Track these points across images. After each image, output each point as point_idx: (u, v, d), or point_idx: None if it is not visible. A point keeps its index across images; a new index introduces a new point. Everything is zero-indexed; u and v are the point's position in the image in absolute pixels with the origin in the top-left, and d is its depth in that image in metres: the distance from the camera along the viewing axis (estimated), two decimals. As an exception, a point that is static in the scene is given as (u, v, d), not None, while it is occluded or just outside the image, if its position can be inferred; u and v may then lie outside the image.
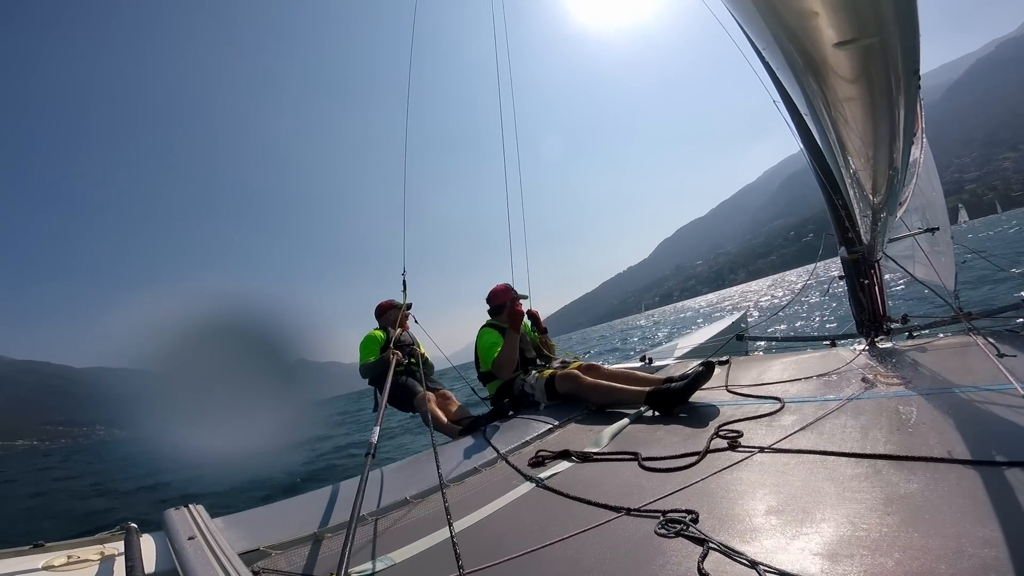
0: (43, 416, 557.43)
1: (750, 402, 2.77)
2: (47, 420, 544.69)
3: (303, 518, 1.97)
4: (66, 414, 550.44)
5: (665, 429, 2.57)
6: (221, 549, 1.49)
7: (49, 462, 29.73)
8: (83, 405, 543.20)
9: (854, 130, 1.71)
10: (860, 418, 2.13)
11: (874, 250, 3.85)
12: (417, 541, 1.68)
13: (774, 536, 1.30)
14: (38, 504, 10.77)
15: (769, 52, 1.46)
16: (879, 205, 2.77)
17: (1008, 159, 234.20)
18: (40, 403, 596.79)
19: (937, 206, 4.40)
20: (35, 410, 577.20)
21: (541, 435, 2.86)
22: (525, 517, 1.77)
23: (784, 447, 1.93)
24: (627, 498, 1.70)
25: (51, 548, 1.55)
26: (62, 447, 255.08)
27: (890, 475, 1.53)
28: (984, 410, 1.99)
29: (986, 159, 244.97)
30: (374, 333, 4.48)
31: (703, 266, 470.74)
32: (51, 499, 11.36)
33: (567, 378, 3.41)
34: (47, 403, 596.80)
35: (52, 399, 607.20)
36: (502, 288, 4.10)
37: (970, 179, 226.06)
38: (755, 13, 1.26)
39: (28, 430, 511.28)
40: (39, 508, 10.16)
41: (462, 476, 2.35)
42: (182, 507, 1.84)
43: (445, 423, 3.84)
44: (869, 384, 2.63)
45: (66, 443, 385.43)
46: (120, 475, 14.22)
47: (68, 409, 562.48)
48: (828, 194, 3.95)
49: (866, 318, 4.10)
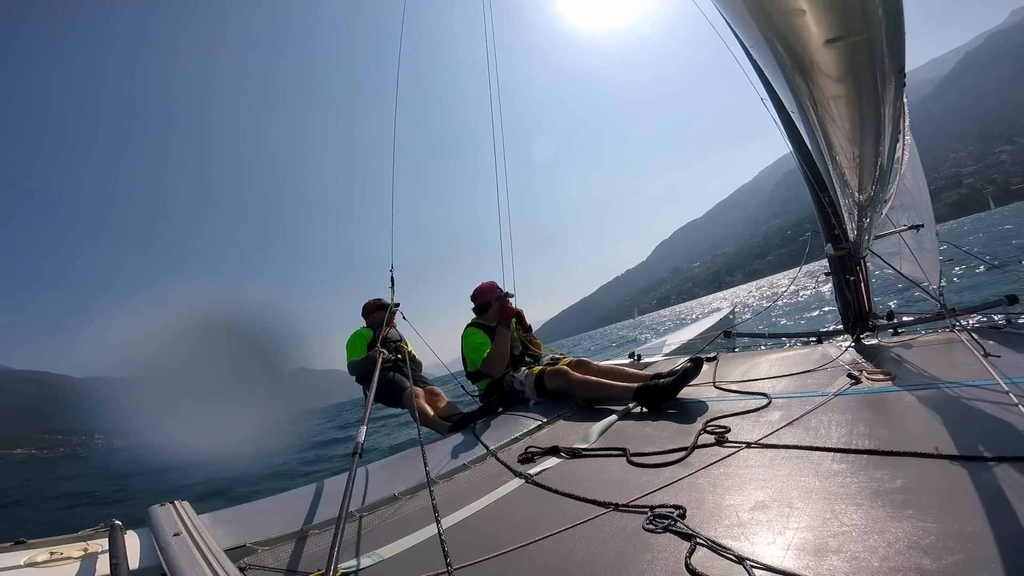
0: (42, 425, 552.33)
1: (737, 398, 2.79)
2: (46, 429, 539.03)
3: (290, 515, 1.96)
4: (65, 423, 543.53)
5: (653, 425, 2.59)
6: (207, 545, 1.48)
7: (39, 471, 29.31)
8: (82, 414, 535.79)
9: (840, 128, 1.72)
10: (846, 414, 2.15)
11: (860, 247, 3.88)
12: (405, 537, 1.67)
13: (761, 531, 1.31)
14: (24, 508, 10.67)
15: (757, 50, 1.46)
16: (865, 202, 2.80)
17: (1005, 152, 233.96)
18: (39, 412, 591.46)
19: (922, 203, 4.45)
20: (34, 419, 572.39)
21: (530, 431, 2.87)
22: (514, 513, 1.77)
23: (771, 443, 1.95)
24: (615, 494, 1.70)
25: (33, 545, 1.52)
26: (59, 456, 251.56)
27: (875, 470, 1.54)
28: (968, 406, 2.01)
29: (983, 152, 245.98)
30: (361, 331, 4.47)
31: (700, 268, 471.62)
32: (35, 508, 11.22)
33: (556, 374, 3.42)
34: (46, 412, 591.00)
35: (51, 408, 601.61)
36: (487, 286, 4.10)
37: (968, 173, 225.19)
38: (743, 12, 1.27)
39: (27, 439, 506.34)
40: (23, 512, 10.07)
41: (451, 472, 2.35)
42: (167, 503, 1.82)
43: (433, 418, 3.83)
44: (855, 380, 2.65)
45: (64, 452, 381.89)
46: (115, 482, 14.12)
47: (67, 418, 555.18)
48: (815, 191, 3.99)
49: (852, 314, 4.14)
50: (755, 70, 3.21)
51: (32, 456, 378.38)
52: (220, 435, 2.75)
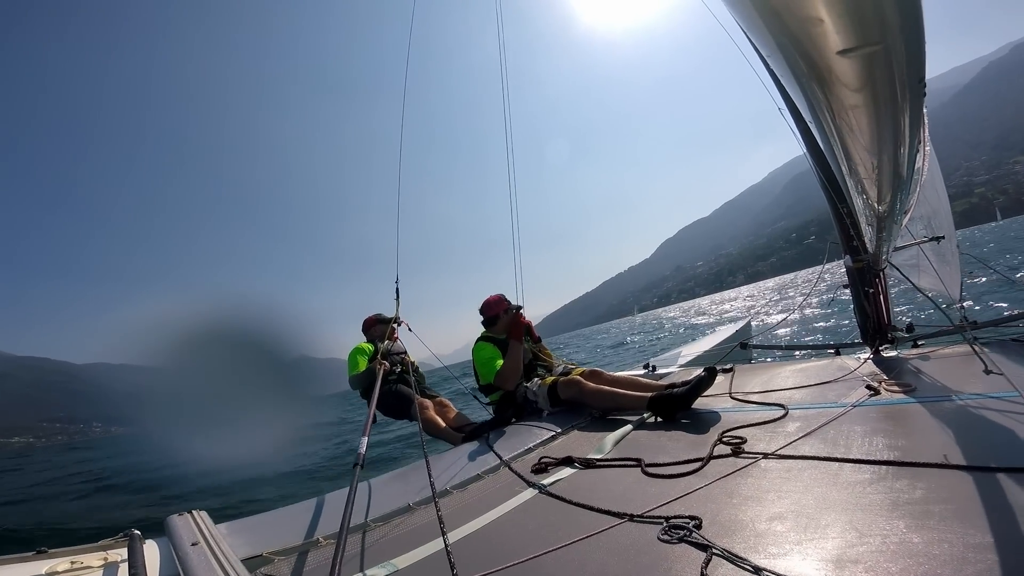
0: (41, 413, 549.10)
1: (753, 408, 2.76)
2: (45, 417, 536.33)
3: (306, 524, 1.97)
4: (65, 411, 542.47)
5: (668, 435, 2.57)
6: (224, 555, 1.50)
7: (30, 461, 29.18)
8: (82, 401, 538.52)
9: (859, 138, 1.70)
10: (864, 425, 2.13)
11: (879, 259, 3.83)
12: (420, 548, 1.67)
13: (777, 542, 1.30)
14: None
15: (773, 59, 1.46)
16: (884, 213, 2.76)
17: (1020, 163, 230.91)
18: (39, 399, 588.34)
19: (942, 214, 4.38)
20: (34, 406, 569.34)
21: (544, 442, 2.86)
22: (528, 523, 1.77)
23: (787, 453, 1.93)
24: (630, 504, 1.69)
25: (54, 554, 1.54)
26: (57, 444, 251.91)
27: (894, 481, 1.52)
28: (988, 417, 1.99)
29: (996, 162, 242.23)
30: (362, 345, 4.41)
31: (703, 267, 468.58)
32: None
33: (570, 384, 3.41)
34: (46, 399, 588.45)
35: (51, 395, 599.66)
36: (495, 299, 4.09)
37: (979, 182, 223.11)
38: (759, 20, 1.27)
39: (25, 427, 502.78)
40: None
41: (465, 482, 2.35)
42: (185, 513, 1.85)
43: (445, 430, 3.81)
44: (873, 391, 2.62)
45: (62, 440, 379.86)
46: (114, 475, 14.18)
47: (67, 405, 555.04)
48: (833, 202, 3.94)
49: (871, 327, 4.08)
50: (771, 78, 3.19)
51: (29, 444, 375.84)
52: (230, 426, 2.75)
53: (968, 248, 6.57)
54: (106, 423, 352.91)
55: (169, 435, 2.94)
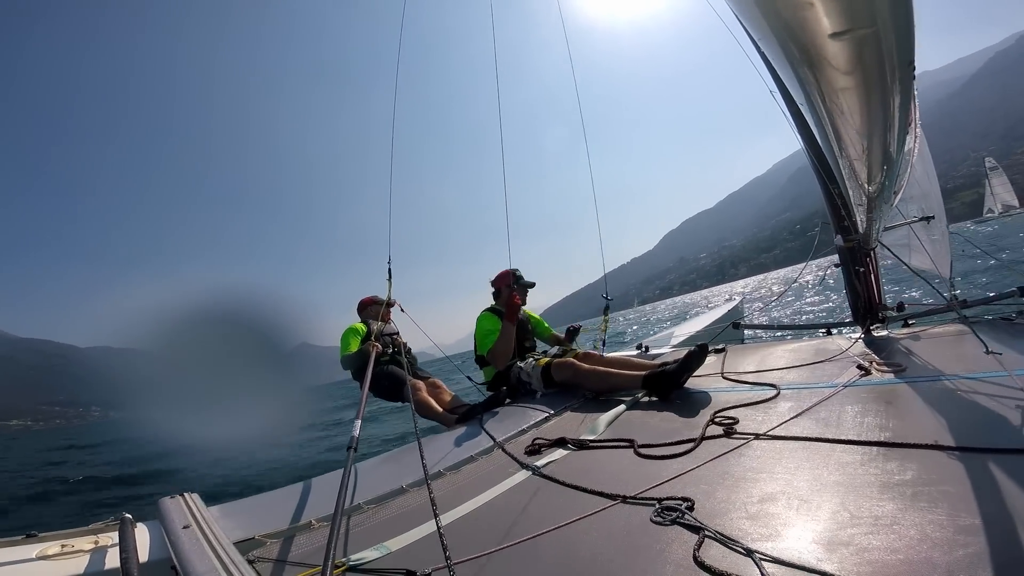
0: (41, 396, 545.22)
1: (746, 389, 2.79)
2: (45, 400, 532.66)
3: (298, 507, 1.98)
4: (65, 394, 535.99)
5: (661, 416, 2.59)
6: (216, 538, 1.50)
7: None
8: (83, 385, 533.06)
9: (849, 120, 1.70)
10: (855, 405, 2.15)
11: (869, 238, 3.85)
12: (413, 529, 1.68)
13: (770, 523, 1.31)
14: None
15: (765, 43, 1.45)
16: (874, 194, 2.77)
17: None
18: (40, 382, 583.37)
19: (932, 196, 4.40)
20: (34, 389, 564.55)
21: (537, 423, 2.88)
22: (521, 505, 1.78)
23: (779, 434, 1.94)
24: (623, 485, 1.70)
25: (45, 538, 1.54)
26: (54, 428, 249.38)
27: (885, 462, 1.54)
28: (978, 398, 2.00)
29: (1005, 152, 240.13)
30: (355, 325, 4.37)
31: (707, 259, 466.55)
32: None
33: (563, 366, 3.43)
34: (47, 382, 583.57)
35: (52, 378, 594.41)
36: (504, 273, 4.17)
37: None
38: (751, 4, 1.26)
39: (25, 410, 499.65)
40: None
41: (458, 464, 2.36)
42: (177, 496, 1.85)
43: (439, 412, 3.81)
44: (864, 371, 2.64)
45: (60, 424, 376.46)
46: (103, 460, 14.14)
47: (68, 389, 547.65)
48: (824, 183, 3.95)
49: (862, 306, 4.11)
50: (764, 63, 3.17)
51: (27, 427, 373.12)
52: (228, 412, 2.75)
53: (978, 241, 6.53)
54: (105, 407, 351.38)
55: (167, 420, 2.94)
